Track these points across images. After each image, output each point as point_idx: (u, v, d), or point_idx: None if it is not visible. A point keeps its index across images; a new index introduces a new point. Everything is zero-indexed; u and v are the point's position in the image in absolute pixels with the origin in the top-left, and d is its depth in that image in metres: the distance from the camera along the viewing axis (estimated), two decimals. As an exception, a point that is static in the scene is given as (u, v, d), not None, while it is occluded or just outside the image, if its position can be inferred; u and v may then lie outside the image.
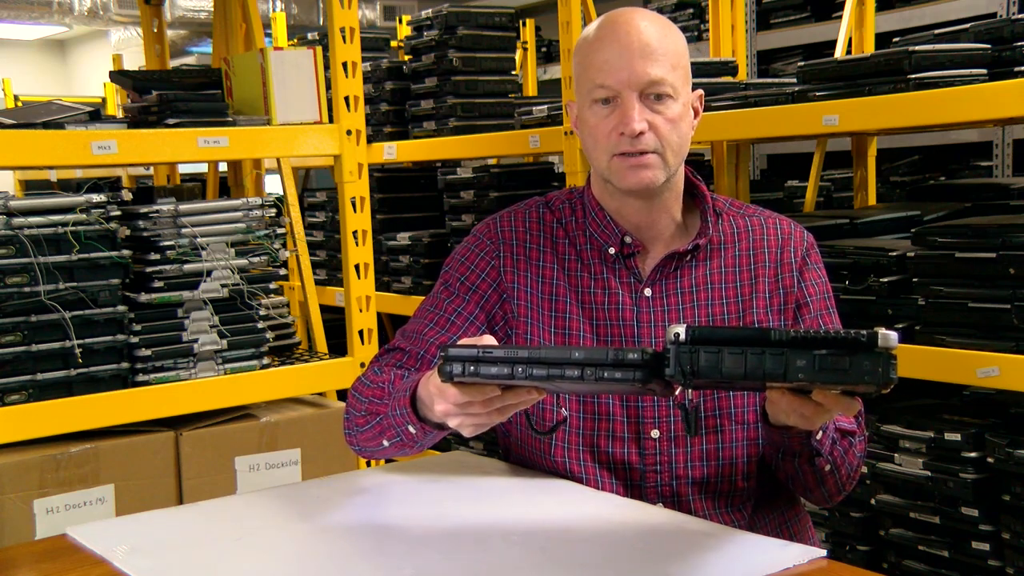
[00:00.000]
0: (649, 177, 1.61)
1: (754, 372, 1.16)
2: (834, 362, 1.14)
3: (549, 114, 3.41)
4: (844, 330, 1.16)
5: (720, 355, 1.17)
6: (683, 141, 1.63)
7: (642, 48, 1.59)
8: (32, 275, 2.22)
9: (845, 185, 3.85)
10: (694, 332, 1.19)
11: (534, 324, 1.69)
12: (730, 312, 1.66)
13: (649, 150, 1.60)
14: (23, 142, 2.26)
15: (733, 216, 1.72)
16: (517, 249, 1.73)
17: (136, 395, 2.35)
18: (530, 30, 5.91)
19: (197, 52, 8.13)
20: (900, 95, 2.37)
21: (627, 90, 1.59)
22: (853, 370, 1.13)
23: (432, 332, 1.71)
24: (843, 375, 1.14)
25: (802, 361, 1.15)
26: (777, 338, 1.16)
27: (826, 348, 1.14)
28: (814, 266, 1.71)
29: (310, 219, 4.27)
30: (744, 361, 1.16)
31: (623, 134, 1.59)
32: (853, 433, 1.62)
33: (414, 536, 1.43)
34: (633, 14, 1.63)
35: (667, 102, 1.60)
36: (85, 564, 1.41)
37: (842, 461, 1.60)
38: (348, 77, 2.71)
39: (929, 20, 4.50)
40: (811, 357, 1.15)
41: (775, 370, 1.16)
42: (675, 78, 1.60)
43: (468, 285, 1.73)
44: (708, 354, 1.18)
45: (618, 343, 1.67)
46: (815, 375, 1.15)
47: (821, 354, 1.15)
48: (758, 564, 1.30)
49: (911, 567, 2.53)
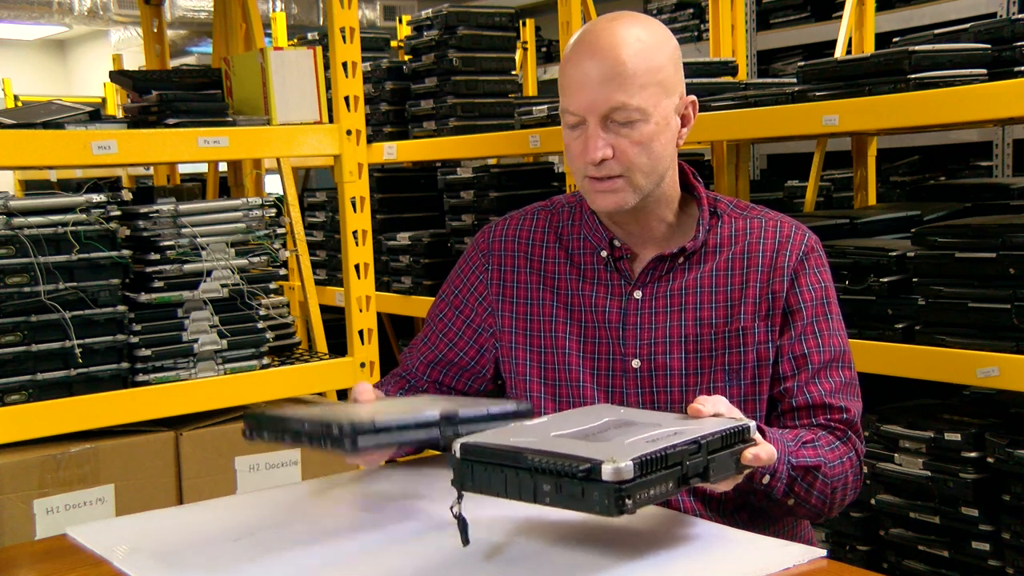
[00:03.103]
0: (615, 201, 1.60)
1: (513, 491, 1.22)
2: (570, 490, 1.18)
3: (549, 114, 3.41)
4: (580, 458, 1.18)
5: (487, 473, 1.24)
6: (656, 161, 1.60)
7: (608, 71, 1.55)
8: (32, 275, 2.22)
9: (845, 185, 3.85)
10: (467, 448, 1.25)
11: (519, 334, 1.72)
12: (718, 317, 1.64)
13: (614, 175, 1.58)
14: (23, 142, 2.26)
15: (734, 217, 1.70)
16: (505, 260, 1.76)
17: (136, 395, 2.35)
18: (530, 30, 5.91)
19: (197, 52, 8.13)
20: (900, 95, 2.37)
21: (590, 115, 1.57)
22: (586, 499, 1.17)
23: (424, 348, 1.82)
24: (579, 503, 1.18)
25: (547, 486, 1.20)
26: (528, 463, 1.20)
27: (565, 476, 1.18)
28: (813, 270, 1.67)
29: (310, 219, 4.27)
30: (504, 481, 1.22)
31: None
32: (817, 467, 1.55)
33: (414, 536, 1.43)
34: (611, 28, 1.58)
35: (634, 125, 1.56)
36: (85, 564, 1.41)
37: (807, 494, 1.56)
38: (348, 77, 2.71)
39: (929, 20, 4.50)
40: (553, 483, 1.19)
41: (527, 492, 1.21)
42: (645, 98, 1.56)
43: (461, 299, 1.80)
44: (479, 470, 1.25)
45: (605, 347, 1.67)
46: (557, 500, 1.19)
47: (559, 481, 1.18)
48: (758, 564, 1.30)
49: (911, 567, 2.53)
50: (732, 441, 1.34)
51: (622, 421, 1.38)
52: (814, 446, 1.57)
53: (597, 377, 1.67)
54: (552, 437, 1.28)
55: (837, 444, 1.61)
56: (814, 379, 1.63)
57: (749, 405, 1.63)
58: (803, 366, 1.63)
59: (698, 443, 1.27)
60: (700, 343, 1.64)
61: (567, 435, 1.30)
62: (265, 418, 1.45)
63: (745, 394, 1.64)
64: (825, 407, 1.62)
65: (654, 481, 1.20)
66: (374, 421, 1.34)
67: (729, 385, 1.63)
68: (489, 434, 1.30)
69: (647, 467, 1.19)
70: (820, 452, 1.57)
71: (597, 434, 1.31)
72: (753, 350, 1.63)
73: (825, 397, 1.62)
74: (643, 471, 1.18)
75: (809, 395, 1.62)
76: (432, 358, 1.80)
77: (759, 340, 1.64)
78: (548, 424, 1.36)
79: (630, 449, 1.21)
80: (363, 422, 1.33)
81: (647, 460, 1.19)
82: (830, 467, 1.58)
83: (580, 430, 1.32)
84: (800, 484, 1.54)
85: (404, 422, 1.37)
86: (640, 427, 1.34)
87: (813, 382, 1.63)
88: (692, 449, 1.27)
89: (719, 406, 1.41)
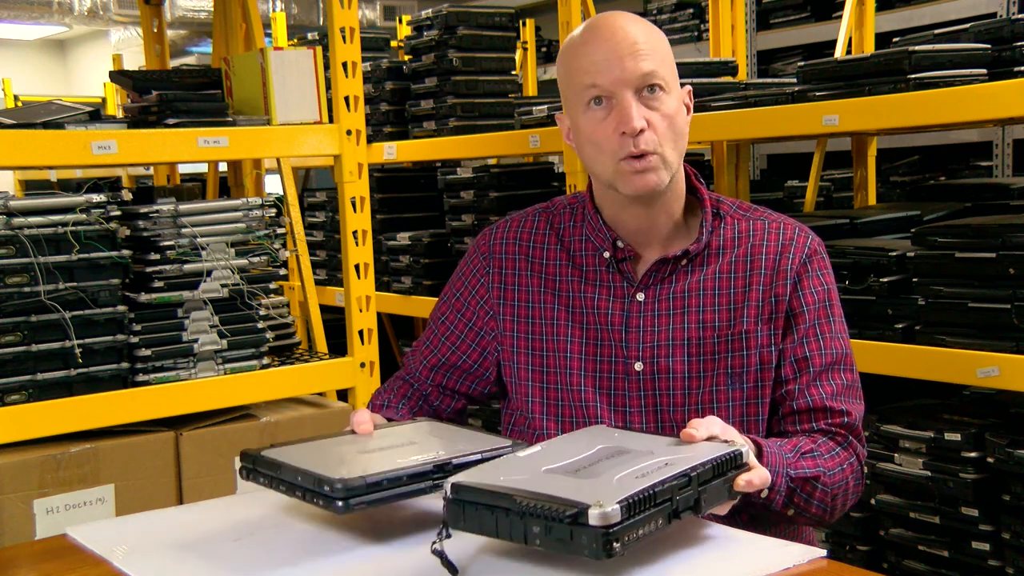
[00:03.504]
0: (654, 181, 1.59)
1: (503, 532, 1.22)
2: (559, 534, 1.18)
3: (549, 114, 3.41)
4: (568, 502, 1.18)
5: (478, 513, 1.24)
6: (680, 136, 1.62)
7: (630, 45, 1.58)
8: (32, 275, 2.22)
9: (845, 185, 3.85)
10: (458, 488, 1.26)
11: (520, 337, 1.72)
12: (721, 320, 1.63)
13: (650, 150, 1.58)
14: (23, 142, 2.26)
15: (737, 219, 1.69)
16: (506, 263, 1.75)
17: (136, 395, 2.35)
18: (530, 30, 5.90)
19: (197, 52, 8.13)
20: (900, 95, 2.37)
21: (622, 88, 1.57)
22: (574, 542, 1.17)
23: (426, 352, 1.82)
24: (567, 545, 1.18)
25: (536, 528, 1.20)
26: (517, 507, 1.21)
27: (553, 520, 1.18)
28: (816, 273, 1.66)
29: (310, 219, 4.27)
30: (495, 522, 1.23)
31: (624, 134, 1.57)
32: (816, 478, 1.55)
33: (415, 535, 1.42)
34: (615, 16, 1.63)
35: (661, 96, 1.58)
36: (85, 564, 1.41)
37: (807, 505, 1.55)
38: (348, 77, 2.71)
39: (929, 20, 4.50)
40: (542, 526, 1.19)
41: (517, 534, 1.22)
42: (665, 72, 1.60)
43: (462, 302, 1.79)
44: (469, 510, 1.25)
45: (607, 349, 1.66)
46: (546, 542, 1.19)
47: (548, 525, 1.19)
48: (758, 564, 1.30)
49: (911, 567, 2.53)
50: (724, 469, 1.34)
51: (615, 450, 1.38)
52: (813, 456, 1.56)
53: (599, 380, 1.66)
54: (543, 473, 1.29)
55: (837, 450, 1.60)
56: (815, 382, 1.62)
57: (751, 409, 1.63)
58: (804, 369, 1.63)
59: (688, 476, 1.27)
60: (703, 346, 1.63)
61: (558, 470, 1.30)
62: (262, 461, 1.46)
63: (748, 397, 1.63)
64: (826, 410, 1.62)
65: (642, 521, 1.20)
66: (365, 477, 1.34)
67: (732, 388, 1.63)
68: (481, 471, 1.31)
69: (635, 508, 1.19)
70: (819, 462, 1.56)
71: (588, 467, 1.31)
72: (756, 353, 1.63)
73: (826, 400, 1.62)
74: (631, 512, 1.18)
75: (810, 398, 1.62)
76: (435, 362, 1.80)
77: (762, 343, 1.63)
78: (540, 456, 1.36)
79: (618, 487, 1.21)
80: (354, 480, 1.34)
81: (635, 501, 1.19)
82: (829, 475, 1.57)
83: (571, 463, 1.33)
84: (799, 495, 1.54)
85: (396, 476, 1.37)
86: (632, 456, 1.34)
87: (814, 385, 1.62)
88: (682, 483, 1.26)
89: (713, 428, 1.41)
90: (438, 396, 1.82)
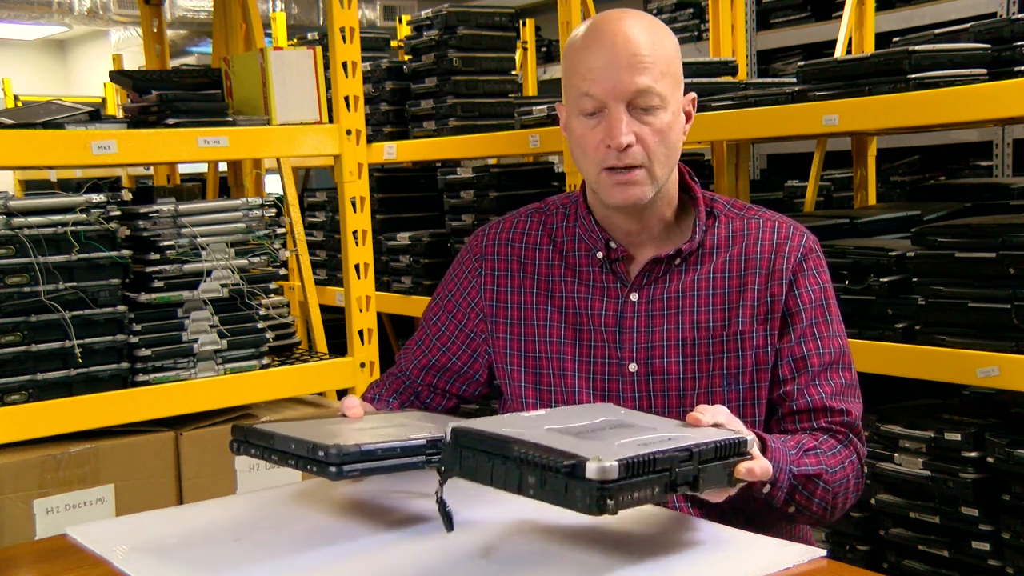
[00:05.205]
0: (636, 194, 1.58)
1: (499, 480, 1.22)
2: (554, 485, 1.17)
3: (549, 114, 3.41)
4: (566, 454, 1.17)
5: (475, 459, 1.23)
6: (671, 151, 1.59)
7: (629, 57, 1.54)
8: (32, 275, 2.22)
9: (845, 185, 3.85)
10: (457, 433, 1.25)
11: (513, 339, 1.72)
12: (715, 320, 1.62)
13: (636, 164, 1.56)
14: (23, 142, 2.26)
15: (731, 218, 1.68)
16: (499, 264, 1.74)
17: (136, 395, 2.35)
18: (530, 30, 5.91)
19: (197, 52, 8.13)
20: (900, 95, 2.37)
21: (613, 101, 1.55)
22: (569, 495, 1.16)
23: (418, 352, 1.83)
24: (561, 497, 1.17)
25: (532, 478, 1.19)
26: (515, 454, 1.20)
27: (549, 470, 1.17)
28: (812, 272, 1.65)
29: (310, 219, 4.27)
30: (491, 469, 1.22)
31: (610, 147, 1.55)
32: (819, 475, 1.54)
33: (415, 535, 1.43)
34: (622, 18, 1.58)
35: (655, 112, 1.56)
36: (85, 564, 1.41)
37: (808, 502, 1.55)
38: (348, 77, 2.71)
39: (929, 20, 4.50)
40: (538, 476, 1.18)
41: (512, 483, 1.21)
42: (664, 86, 1.56)
43: (454, 303, 1.80)
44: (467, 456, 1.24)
45: (601, 350, 1.65)
46: (540, 493, 1.19)
47: (544, 475, 1.18)
48: (758, 564, 1.30)
49: (911, 567, 2.53)
50: (726, 453, 1.33)
51: (620, 422, 1.37)
52: (816, 453, 1.56)
53: (592, 381, 1.66)
54: (545, 430, 1.27)
55: (839, 448, 1.60)
56: (814, 382, 1.62)
57: (747, 410, 1.62)
58: (803, 369, 1.62)
59: (690, 451, 1.26)
60: (697, 347, 1.62)
61: (560, 430, 1.29)
62: (253, 432, 1.45)
63: (743, 399, 1.62)
64: (826, 410, 1.61)
65: (639, 484, 1.19)
66: (360, 445, 1.33)
67: (727, 389, 1.62)
68: (483, 421, 1.29)
69: (633, 469, 1.18)
70: (822, 459, 1.56)
71: (591, 432, 1.30)
72: (751, 354, 1.62)
73: (826, 400, 1.61)
74: (629, 473, 1.17)
75: (809, 398, 1.61)
76: (426, 363, 1.81)
77: (757, 344, 1.62)
78: (545, 417, 1.35)
79: (619, 450, 1.20)
80: (349, 447, 1.33)
81: (634, 462, 1.18)
82: (831, 473, 1.56)
83: (575, 426, 1.32)
84: (801, 493, 1.53)
85: (390, 447, 1.37)
86: (636, 429, 1.33)
87: (813, 385, 1.62)
88: (683, 456, 1.25)
89: (719, 416, 1.40)
90: (429, 394, 1.82)
